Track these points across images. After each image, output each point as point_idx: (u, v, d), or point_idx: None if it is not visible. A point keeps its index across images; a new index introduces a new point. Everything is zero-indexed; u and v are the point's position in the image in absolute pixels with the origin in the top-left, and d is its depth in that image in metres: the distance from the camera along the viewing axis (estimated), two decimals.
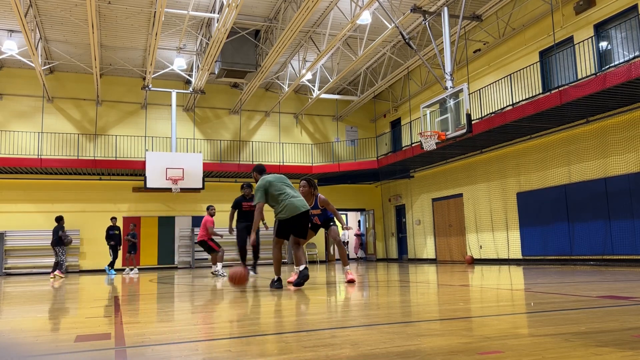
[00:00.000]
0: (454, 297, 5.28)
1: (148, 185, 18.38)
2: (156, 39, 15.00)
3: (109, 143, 20.44)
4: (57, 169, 18.91)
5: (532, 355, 2.28)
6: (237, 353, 2.54)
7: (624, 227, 12.32)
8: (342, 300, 5.53)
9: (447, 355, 2.32)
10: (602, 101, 11.94)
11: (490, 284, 7.19)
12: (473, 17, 15.61)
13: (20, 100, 19.66)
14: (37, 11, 15.53)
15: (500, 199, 16.49)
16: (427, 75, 19.84)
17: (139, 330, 3.49)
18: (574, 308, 3.98)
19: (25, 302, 6.31)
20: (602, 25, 13.13)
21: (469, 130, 12.57)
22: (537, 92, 14.32)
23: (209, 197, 21.42)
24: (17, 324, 4.15)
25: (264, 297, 5.80)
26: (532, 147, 15.20)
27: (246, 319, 4.00)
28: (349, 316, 4.06)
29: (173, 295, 6.96)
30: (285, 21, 15.84)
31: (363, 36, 16.88)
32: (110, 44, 18.09)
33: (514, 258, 15.79)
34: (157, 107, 21.32)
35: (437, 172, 19.75)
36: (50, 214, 19.33)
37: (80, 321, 4.18)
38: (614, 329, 2.92)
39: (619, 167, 12.55)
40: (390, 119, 22.92)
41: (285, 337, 3.00)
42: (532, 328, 3.11)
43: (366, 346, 2.60)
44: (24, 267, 18.60)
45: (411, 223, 21.36)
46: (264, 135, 22.73)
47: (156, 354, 2.62)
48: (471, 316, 3.80)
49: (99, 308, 5.31)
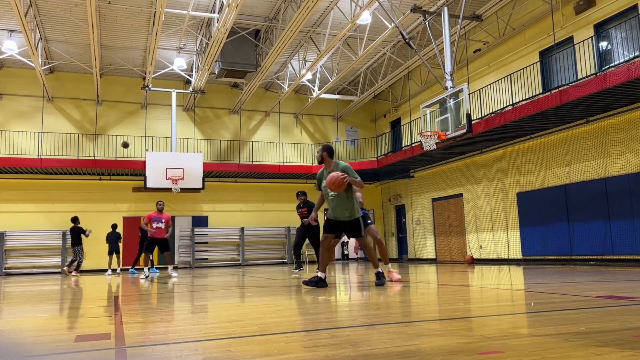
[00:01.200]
0: (454, 297, 5.27)
1: (148, 185, 18.38)
2: (156, 39, 15.00)
3: (109, 143, 20.44)
4: (57, 169, 18.91)
5: (532, 355, 2.28)
6: (237, 353, 2.54)
7: (624, 227, 12.32)
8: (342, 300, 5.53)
9: (447, 355, 2.32)
10: (602, 101, 11.94)
11: (490, 284, 7.19)
12: (473, 17, 15.61)
13: (20, 100, 19.66)
14: (37, 11, 15.53)
15: (500, 199, 16.49)
16: (427, 75, 19.84)
17: (139, 330, 3.49)
18: (574, 308, 3.97)
19: (25, 302, 6.31)
20: (602, 25, 13.13)
21: (469, 130, 12.57)
22: (537, 92, 14.32)
23: (209, 197, 21.46)
24: (17, 324, 4.15)
25: (264, 297, 5.80)
26: (532, 147, 15.20)
27: (246, 319, 4.00)
28: (349, 316, 4.06)
29: (173, 295, 6.95)
30: (285, 21, 15.84)
31: (363, 36, 16.88)
32: (110, 43, 18.09)
33: (514, 258, 15.79)
34: (157, 107, 21.32)
35: (437, 172, 19.75)
36: (50, 214, 19.38)
37: (80, 321, 4.18)
38: (614, 329, 2.92)
39: (619, 167, 12.55)
40: (390, 119, 22.92)
41: (285, 337, 3.00)
42: (532, 328, 3.11)
43: (366, 346, 2.60)
44: (24, 267, 18.61)
45: (411, 223, 21.37)
46: (264, 135, 22.73)
47: (156, 354, 2.62)
48: (471, 316, 3.80)
49: (99, 308, 5.31)
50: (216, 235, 21.17)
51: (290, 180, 22.78)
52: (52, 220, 19.35)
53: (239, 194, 22.06)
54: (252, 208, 21.93)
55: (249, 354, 2.50)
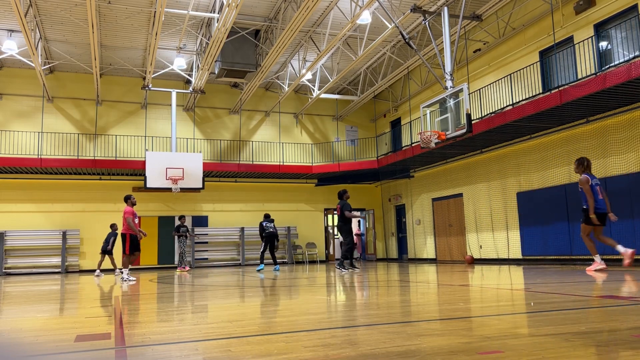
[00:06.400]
0: (454, 297, 5.28)
1: (148, 185, 18.39)
2: (156, 38, 15.00)
3: (109, 143, 20.44)
4: (57, 169, 18.91)
5: (532, 355, 2.28)
6: (237, 353, 2.54)
7: (624, 227, 12.31)
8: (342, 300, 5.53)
9: (447, 355, 2.32)
10: (602, 101, 11.94)
11: (490, 283, 7.19)
12: (473, 17, 15.61)
13: (20, 100, 19.66)
14: (37, 11, 15.53)
15: (500, 199, 16.49)
16: (427, 75, 19.84)
17: (139, 330, 3.49)
18: (574, 308, 3.98)
19: (25, 302, 6.31)
20: (602, 25, 13.13)
21: (469, 130, 12.56)
22: (537, 92, 14.31)
23: (209, 197, 21.46)
24: (17, 324, 4.15)
25: (264, 297, 5.80)
26: (532, 147, 15.20)
27: (246, 319, 4.00)
28: (349, 316, 4.06)
29: (173, 295, 6.96)
30: (285, 21, 15.84)
31: (363, 36, 16.88)
32: (110, 43, 18.09)
33: (514, 258, 15.79)
34: (157, 107, 21.32)
35: (437, 172, 19.75)
36: (50, 214, 19.40)
37: (80, 321, 4.18)
38: (614, 329, 2.91)
39: (619, 167, 12.55)
40: (390, 118, 22.92)
41: (285, 337, 3.00)
42: (532, 328, 3.11)
43: (366, 346, 2.60)
44: (24, 267, 18.61)
45: (411, 223, 21.37)
46: (264, 135, 22.73)
47: (156, 354, 2.62)
48: (471, 316, 3.80)
49: (99, 308, 5.31)
50: (216, 235, 21.17)
51: (290, 180, 22.78)
52: (52, 220, 19.36)
53: (239, 194, 22.06)
54: (252, 208, 21.93)
55: (249, 354, 2.50)
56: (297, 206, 22.80)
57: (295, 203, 22.81)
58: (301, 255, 22.51)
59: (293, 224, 22.38)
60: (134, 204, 11.11)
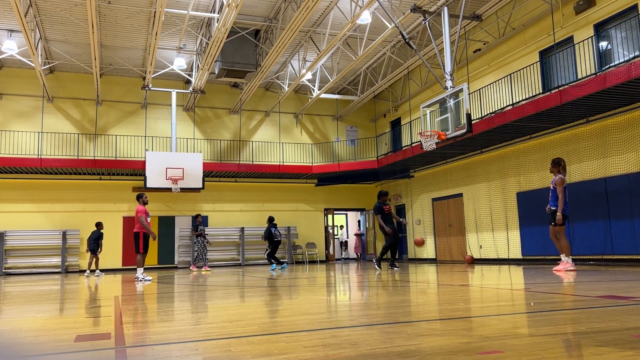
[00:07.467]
0: (454, 297, 5.28)
1: (148, 185, 18.38)
2: (156, 38, 15.00)
3: (109, 143, 20.44)
4: (57, 169, 18.91)
5: (532, 355, 2.28)
6: (237, 353, 2.54)
7: (624, 227, 12.32)
8: (342, 300, 5.53)
9: (447, 355, 2.32)
10: (602, 101, 11.94)
11: (490, 283, 7.19)
12: (473, 17, 15.61)
13: (20, 100, 19.66)
14: (37, 11, 15.52)
15: (500, 198, 16.49)
16: (427, 75, 19.84)
17: (139, 330, 3.49)
18: (574, 308, 3.98)
19: (25, 302, 6.31)
20: (602, 25, 13.13)
21: (469, 130, 12.56)
22: (537, 92, 14.31)
23: (209, 197, 21.46)
24: (17, 324, 4.15)
25: (264, 297, 5.80)
26: (532, 147, 15.20)
27: (246, 319, 4.00)
28: (349, 316, 4.06)
29: (173, 295, 6.96)
30: (285, 21, 15.84)
31: (363, 36, 16.87)
32: (110, 43, 18.09)
33: (514, 258, 15.79)
34: (157, 107, 21.32)
35: (437, 172, 19.75)
36: (50, 214, 19.40)
37: (80, 321, 4.18)
38: (614, 329, 2.92)
39: (619, 167, 12.55)
40: (390, 118, 22.92)
41: (285, 337, 3.00)
42: (532, 328, 3.11)
43: (366, 346, 2.60)
44: (24, 267, 18.61)
45: (411, 223, 21.37)
46: (264, 135, 22.73)
47: (156, 354, 2.62)
48: (471, 316, 3.80)
49: (99, 308, 5.31)
50: (216, 235, 21.16)
51: (290, 180, 22.79)
52: (52, 220, 19.36)
53: (239, 194, 22.06)
54: (252, 208, 21.94)
55: (249, 354, 2.50)
56: (297, 206, 22.81)
57: (295, 203, 22.82)
58: (301, 255, 22.51)
59: (293, 224, 22.38)
60: (145, 203, 11.10)
